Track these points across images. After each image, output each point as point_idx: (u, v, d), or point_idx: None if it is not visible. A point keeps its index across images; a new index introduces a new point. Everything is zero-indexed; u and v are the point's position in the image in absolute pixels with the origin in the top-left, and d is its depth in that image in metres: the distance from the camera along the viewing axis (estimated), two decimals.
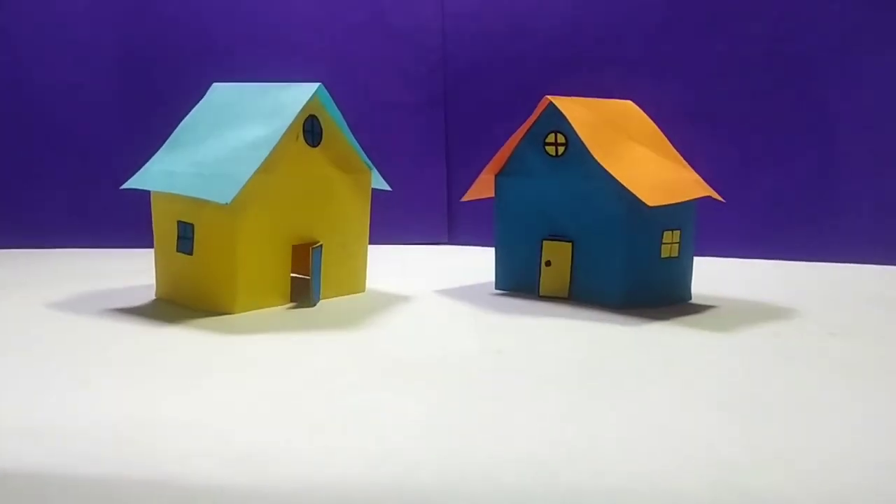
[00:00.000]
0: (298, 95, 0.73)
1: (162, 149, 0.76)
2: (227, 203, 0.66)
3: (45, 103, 1.12)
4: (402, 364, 0.56)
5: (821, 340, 0.65)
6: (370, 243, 0.83)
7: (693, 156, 0.81)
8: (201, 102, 0.78)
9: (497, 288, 0.84)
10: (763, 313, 0.74)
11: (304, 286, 0.75)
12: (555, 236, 0.78)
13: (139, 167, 0.75)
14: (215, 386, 0.51)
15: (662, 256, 0.75)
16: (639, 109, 0.83)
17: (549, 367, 0.56)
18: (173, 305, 0.74)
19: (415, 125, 1.19)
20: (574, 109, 0.77)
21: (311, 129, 0.75)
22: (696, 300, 0.79)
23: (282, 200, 0.73)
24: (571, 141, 0.77)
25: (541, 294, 0.79)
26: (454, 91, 1.18)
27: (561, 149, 0.78)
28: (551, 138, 0.78)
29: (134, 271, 0.89)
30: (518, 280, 0.82)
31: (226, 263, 0.70)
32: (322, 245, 0.75)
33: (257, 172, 0.68)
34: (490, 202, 0.84)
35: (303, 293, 0.75)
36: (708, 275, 0.85)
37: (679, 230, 0.76)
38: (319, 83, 0.74)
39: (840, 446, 0.42)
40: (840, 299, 0.83)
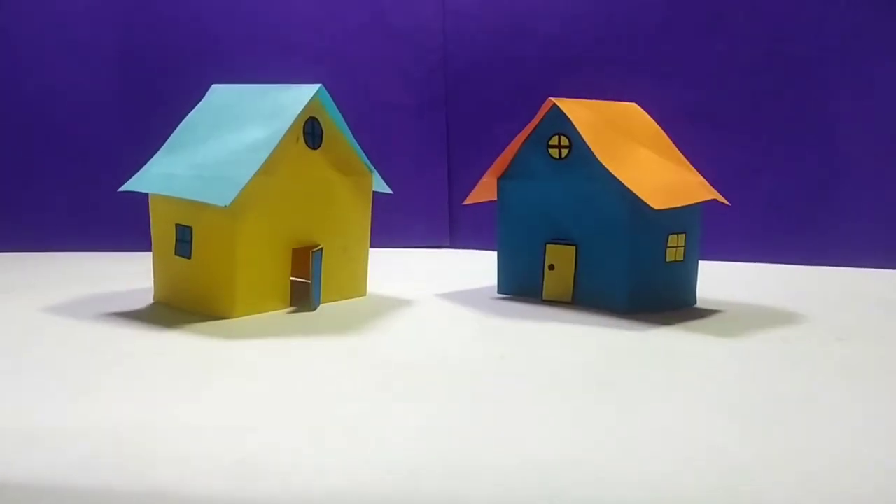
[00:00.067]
0: (298, 97, 0.72)
1: (160, 151, 0.75)
2: (226, 206, 0.65)
3: (45, 105, 1.11)
4: (404, 369, 0.56)
5: (828, 345, 0.64)
6: (371, 247, 0.82)
7: (694, 158, 0.80)
8: (200, 104, 0.78)
9: (499, 292, 0.83)
10: (768, 318, 0.74)
11: (305, 290, 0.75)
12: (558, 240, 0.77)
13: (139, 169, 0.75)
14: (213, 391, 0.50)
15: (667, 260, 0.75)
16: (642, 111, 0.82)
17: (554, 373, 0.55)
18: (171, 309, 0.73)
19: (415, 127, 1.18)
20: (578, 111, 0.76)
21: (312, 131, 0.74)
22: (701, 304, 0.79)
23: (282, 203, 0.72)
24: (575, 143, 0.76)
25: (544, 298, 0.78)
26: (455, 92, 1.18)
27: (564, 151, 0.77)
28: (555, 140, 0.77)
29: (133, 274, 0.88)
30: (521, 284, 0.81)
31: (225, 267, 0.69)
32: (322, 248, 0.75)
33: (257, 175, 0.67)
34: (492, 205, 0.83)
35: (303, 297, 0.75)
36: (711, 279, 0.84)
37: (684, 234, 0.75)
38: (320, 84, 0.73)
39: (849, 451, 0.41)
40: (845, 303, 0.83)
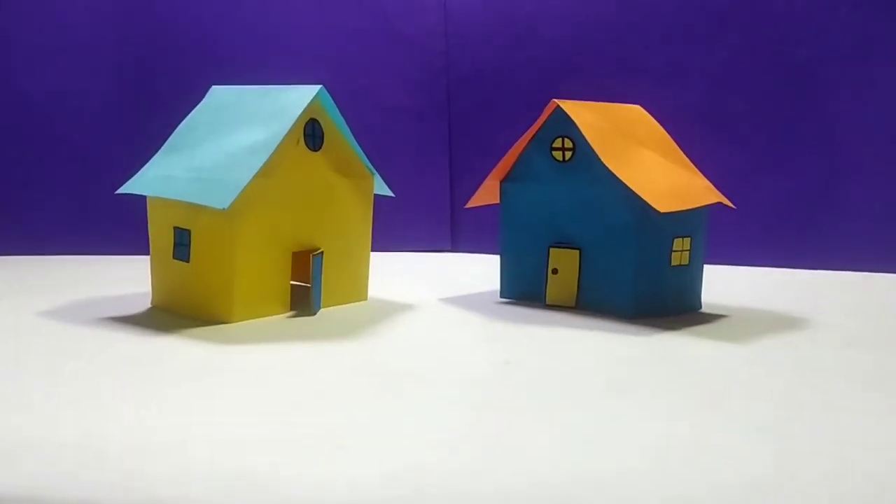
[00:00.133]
0: (299, 98, 0.71)
1: (159, 153, 0.74)
2: (225, 208, 0.64)
3: (42, 106, 1.10)
4: (406, 376, 0.55)
5: (838, 351, 0.63)
6: (372, 250, 0.82)
7: (698, 162, 0.79)
8: (199, 105, 0.77)
9: (502, 297, 0.82)
10: (775, 322, 0.73)
11: (305, 294, 0.74)
12: (562, 243, 0.76)
13: (137, 172, 0.74)
14: (210, 399, 0.49)
15: (672, 264, 0.74)
16: (647, 114, 0.81)
17: (562, 380, 0.54)
18: (169, 314, 0.72)
19: (417, 130, 1.17)
20: (582, 113, 0.75)
21: (312, 133, 0.73)
22: (706, 309, 0.78)
23: (281, 206, 0.71)
24: (579, 145, 0.75)
25: (547, 303, 0.77)
26: (457, 96, 1.17)
27: (568, 154, 0.76)
28: (558, 143, 0.76)
29: (131, 278, 0.87)
30: (524, 289, 0.80)
31: (223, 271, 0.68)
32: (323, 252, 0.74)
33: (256, 177, 0.66)
34: (494, 209, 0.82)
35: (303, 302, 0.74)
36: (715, 283, 0.83)
37: (690, 237, 0.74)
38: (321, 85, 0.72)
39: (874, 462, 0.40)
40: (850, 308, 0.82)
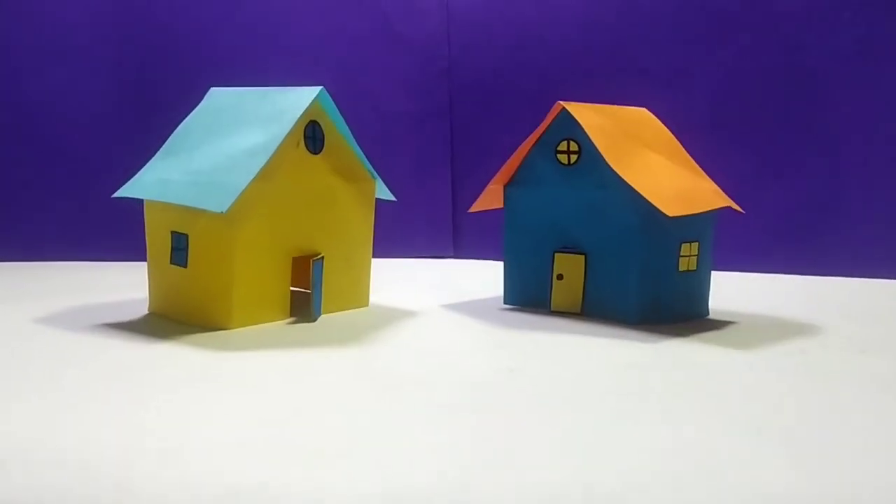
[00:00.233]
0: (299, 99, 0.70)
1: (156, 156, 0.73)
2: (223, 212, 0.63)
3: (39, 110, 1.10)
4: (408, 383, 0.53)
5: (850, 357, 0.62)
6: (373, 256, 0.81)
7: (704, 167, 0.78)
8: (198, 108, 0.76)
9: (506, 303, 0.81)
10: (784, 329, 0.71)
11: (305, 300, 0.73)
12: (567, 248, 0.75)
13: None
14: (209, 406, 0.48)
15: (680, 270, 0.72)
16: (653, 117, 0.80)
17: (568, 388, 0.53)
18: (166, 320, 0.71)
19: (420, 134, 1.17)
20: (588, 116, 0.74)
21: (313, 136, 0.72)
22: (714, 315, 0.76)
23: (281, 210, 0.70)
24: (585, 148, 0.74)
25: (552, 309, 0.76)
26: (460, 100, 1.16)
27: (574, 157, 0.75)
28: (563, 146, 0.75)
29: (128, 284, 0.86)
30: (528, 295, 0.79)
31: (222, 276, 0.67)
32: (323, 257, 0.73)
33: (255, 180, 0.65)
34: (497, 213, 0.81)
35: (303, 308, 0.73)
36: (722, 289, 0.82)
37: (697, 242, 0.73)
38: (321, 87, 0.71)
39: (892, 469, 0.39)
40: (858, 314, 0.81)
